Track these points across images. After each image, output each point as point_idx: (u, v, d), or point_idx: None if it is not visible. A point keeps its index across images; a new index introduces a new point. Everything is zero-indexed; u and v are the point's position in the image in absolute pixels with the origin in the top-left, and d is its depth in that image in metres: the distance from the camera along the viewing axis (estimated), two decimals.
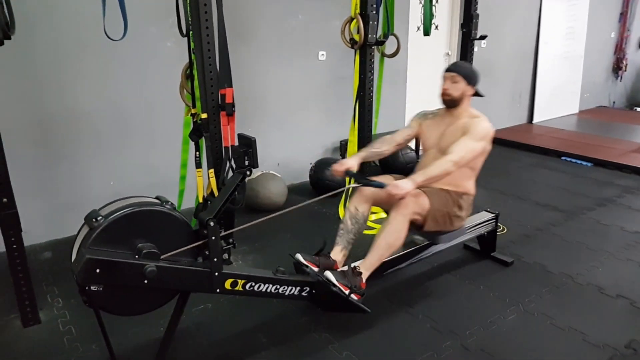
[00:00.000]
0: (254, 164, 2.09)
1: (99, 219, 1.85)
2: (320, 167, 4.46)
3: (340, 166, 2.70)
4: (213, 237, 2.03)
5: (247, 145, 2.05)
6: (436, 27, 5.93)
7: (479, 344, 2.45)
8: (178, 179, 3.41)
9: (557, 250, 3.45)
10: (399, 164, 4.80)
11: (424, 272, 3.15)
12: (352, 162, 2.73)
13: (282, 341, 2.49)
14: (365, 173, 3.59)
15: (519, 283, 3.01)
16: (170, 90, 3.33)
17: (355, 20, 3.51)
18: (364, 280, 2.50)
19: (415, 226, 2.65)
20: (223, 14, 2.81)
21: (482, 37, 4.21)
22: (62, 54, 3.43)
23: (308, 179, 4.63)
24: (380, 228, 2.56)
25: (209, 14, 2.76)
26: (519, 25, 6.74)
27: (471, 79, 2.70)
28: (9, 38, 2.32)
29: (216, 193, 2.83)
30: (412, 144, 5.51)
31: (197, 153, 3.12)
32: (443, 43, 6.07)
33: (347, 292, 2.39)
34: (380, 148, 2.90)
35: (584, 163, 5.49)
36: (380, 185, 2.45)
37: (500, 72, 6.70)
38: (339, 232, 2.70)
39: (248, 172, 2.09)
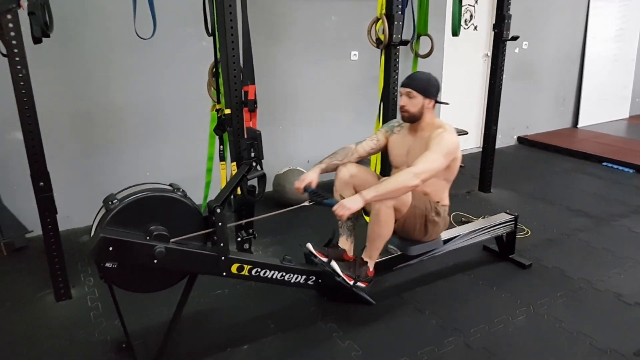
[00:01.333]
0: (260, 155, 2.20)
1: (114, 202, 2.02)
2: None
3: (301, 183, 2.67)
4: (220, 223, 2.16)
5: (253, 138, 2.17)
6: (475, 27, 5.89)
7: (481, 343, 2.48)
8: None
9: (580, 256, 3.39)
10: None
11: (439, 270, 3.18)
12: (312, 176, 2.69)
13: (289, 328, 2.60)
14: None
15: (534, 286, 3.00)
16: (204, 87, 3.51)
17: (380, 21, 3.58)
18: (371, 268, 2.56)
19: None
20: (247, 14, 2.94)
21: (514, 38, 4.18)
22: (105, 51, 3.68)
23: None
24: (370, 220, 2.54)
25: (234, 14, 2.90)
26: (564, 27, 6.57)
27: (428, 91, 2.56)
28: (48, 36, 2.53)
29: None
30: None
31: (221, 147, 3.28)
32: (482, 44, 6.01)
33: (351, 282, 2.47)
34: (343, 160, 2.81)
35: (626, 169, 5.32)
36: (330, 205, 2.38)
37: (543, 75, 6.56)
38: (338, 223, 2.76)
39: (254, 164, 2.20)
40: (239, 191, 2.94)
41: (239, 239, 3.25)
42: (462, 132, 5.61)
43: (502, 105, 6.23)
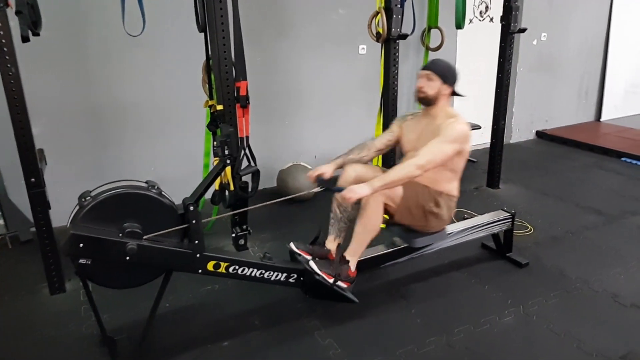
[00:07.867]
0: (233, 153, 2.20)
1: (87, 198, 2.05)
2: None
3: (314, 172, 2.72)
4: (194, 220, 2.17)
5: (226, 136, 2.17)
6: (491, 19, 5.75)
7: (465, 343, 2.43)
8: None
9: (582, 255, 3.29)
10: None
11: (433, 267, 3.13)
12: (326, 168, 2.73)
13: (272, 324, 2.61)
14: None
15: (528, 285, 2.92)
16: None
17: (380, 14, 3.53)
18: (352, 268, 2.53)
19: (388, 214, 2.61)
20: (238, 10, 2.94)
21: (522, 30, 4.07)
22: (111, 49, 3.75)
23: None
24: (359, 213, 2.55)
25: (224, 10, 2.90)
26: (587, 18, 6.35)
27: (447, 77, 2.57)
28: (38, 35, 2.59)
29: (231, 182, 2.99)
30: None
31: (215, 143, 3.29)
32: (498, 36, 5.84)
33: (330, 280, 2.45)
34: (360, 154, 2.83)
35: None
36: (339, 190, 2.45)
37: (565, 67, 6.36)
38: (330, 222, 2.74)
39: (228, 161, 2.21)
40: (232, 187, 2.97)
41: (234, 235, 3.29)
42: (475, 127, 5.50)
43: (519, 98, 6.12)
